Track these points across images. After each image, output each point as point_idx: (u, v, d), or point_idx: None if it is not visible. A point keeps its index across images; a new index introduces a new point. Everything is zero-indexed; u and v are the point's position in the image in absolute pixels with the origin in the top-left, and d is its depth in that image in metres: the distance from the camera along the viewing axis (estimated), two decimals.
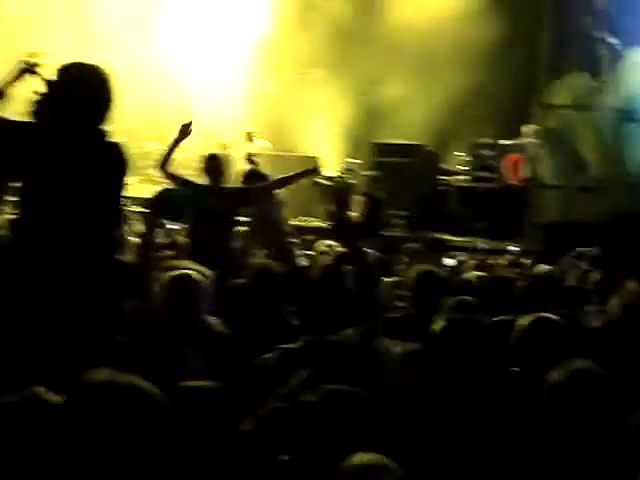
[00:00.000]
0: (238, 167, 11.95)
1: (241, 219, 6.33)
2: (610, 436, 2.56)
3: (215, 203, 5.78)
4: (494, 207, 12.37)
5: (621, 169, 12.69)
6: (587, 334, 3.77)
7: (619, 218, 11.22)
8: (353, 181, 12.59)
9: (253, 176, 11.01)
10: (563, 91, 13.48)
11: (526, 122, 12.47)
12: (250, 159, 11.65)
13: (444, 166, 12.83)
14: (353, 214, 11.67)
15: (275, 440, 2.46)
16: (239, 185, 8.54)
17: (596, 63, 13.30)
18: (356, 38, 13.98)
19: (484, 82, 13.15)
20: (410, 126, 13.02)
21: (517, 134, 12.34)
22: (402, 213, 12.05)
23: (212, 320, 3.72)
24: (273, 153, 12.95)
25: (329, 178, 12.66)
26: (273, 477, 2.34)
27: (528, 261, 8.28)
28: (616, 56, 13.31)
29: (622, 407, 2.64)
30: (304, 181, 12.97)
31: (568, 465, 2.51)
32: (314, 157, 13.56)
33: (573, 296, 5.15)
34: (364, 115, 13.73)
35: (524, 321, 3.44)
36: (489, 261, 7.58)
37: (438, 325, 3.25)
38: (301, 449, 2.30)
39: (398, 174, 12.45)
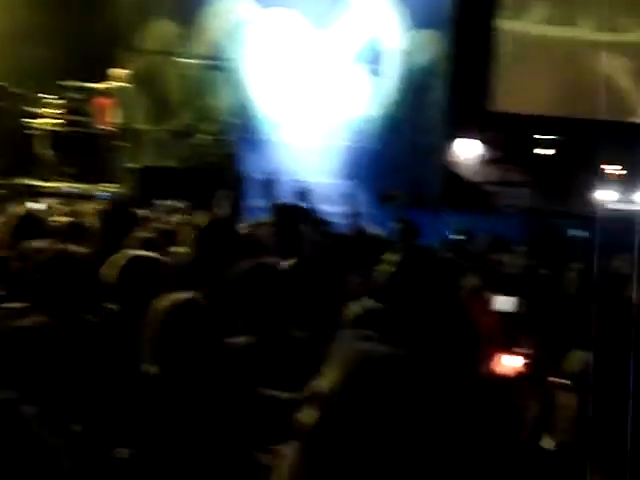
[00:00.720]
0: None
1: None
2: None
3: None
4: (84, 151, 12.19)
5: (207, 116, 13.25)
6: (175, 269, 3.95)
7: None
8: None
9: None
10: (150, 37, 13.64)
11: (114, 66, 12.42)
12: None
13: (31, 109, 12.31)
14: None
15: None
16: None
17: (183, 10, 13.64)
18: None
19: (63, 23, 12.82)
20: None
21: (105, 78, 12.25)
22: None
23: None
24: None
25: None
26: None
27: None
28: (203, 4, 13.78)
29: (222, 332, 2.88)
30: None
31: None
32: None
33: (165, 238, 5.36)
34: None
35: (119, 261, 3.58)
36: (77, 207, 7.51)
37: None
38: None
39: None
